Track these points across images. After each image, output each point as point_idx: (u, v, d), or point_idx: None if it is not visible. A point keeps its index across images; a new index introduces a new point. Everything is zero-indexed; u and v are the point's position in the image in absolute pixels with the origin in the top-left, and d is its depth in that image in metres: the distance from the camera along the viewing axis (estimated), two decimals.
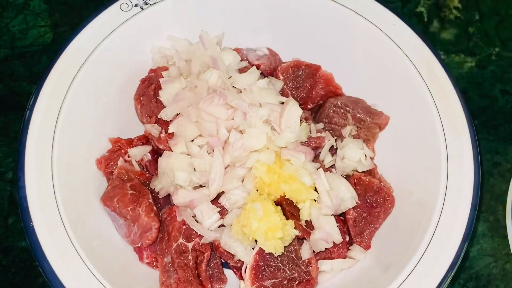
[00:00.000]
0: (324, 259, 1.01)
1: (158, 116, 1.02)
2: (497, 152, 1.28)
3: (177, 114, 1.03)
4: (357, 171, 1.08)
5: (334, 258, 1.01)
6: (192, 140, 1.01)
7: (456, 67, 1.39)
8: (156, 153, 1.07)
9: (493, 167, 1.27)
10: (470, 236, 0.92)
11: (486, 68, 1.39)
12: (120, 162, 1.04)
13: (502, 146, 1.29)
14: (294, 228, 0.94)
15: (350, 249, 1.02)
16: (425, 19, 1.46)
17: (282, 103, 1.03)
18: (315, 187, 0.98)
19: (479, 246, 1.18)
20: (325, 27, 1.15)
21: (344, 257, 1.02)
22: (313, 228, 0.97)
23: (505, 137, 1.30)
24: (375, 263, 1.00)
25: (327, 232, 0.95)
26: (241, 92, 1.02)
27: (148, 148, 1.06)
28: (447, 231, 0.93)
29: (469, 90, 1.36)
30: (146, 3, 1.09)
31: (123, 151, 1.06)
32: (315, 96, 1.14)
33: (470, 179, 0.95)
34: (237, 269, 1.01)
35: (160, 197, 1.03)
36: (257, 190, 0.98)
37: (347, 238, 1.03)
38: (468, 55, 1.41)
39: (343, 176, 1.07)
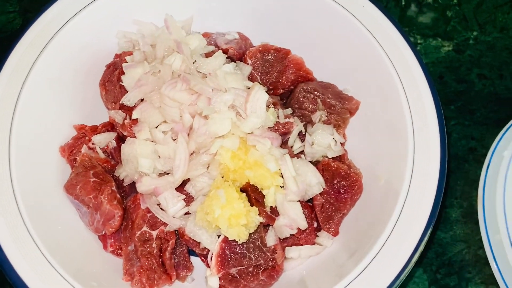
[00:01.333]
0: (291, 245, 1.00)
1: (120, 102, 0.99)
2: (473, 138, 1.27)
3: (142, 100, 1.01)
4: (327, 157, 1.06)
5: (301, 245, 1.00)
6: (157, 127, 0.99)
7: (433, 51, 1.37)
8: (122, 140, 1.05)
9: (468, 152, 1.25)
10: (435, 220, 0.90)
11: (464, 52, 1.37)
12: (84, 149, 1.02)
13: (478, 131, 1.27)
14: (258, 214, 0.93)
15: (318, 236, 1.01)
16: (403, 3, 1.44)
17: (250, 88, 1.01)
18: (282, 174, 0.97)
19: (452, 232, 1.17)
20: (296, 11, 1.12)
21: (312, 244, 1.00)
22: (278, 215, 0.95)
23: (481, 122, 1.29)
24: (343, 249, 0.99)
25: (291, 218, 0.93)
26: (206, 77, 1.00)
27: (113, 135, 1.04)
28: (412, 215, 0.91)
29: (446, 74, 1.34)
30: None
31: (87, 138, 1.04)
32: (285, 81, 1.12)
33: (436, 164, 0.93)
34: (204, 256, 0.99)
35: (124, 185, 1.02)
36: (222, 177, 0.97)
37: (315, 225, 1.01)
38: (446, 39, 1.39)
39: (313, 162, 1.06)
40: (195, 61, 1.01)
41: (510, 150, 1.12)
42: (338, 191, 1.00)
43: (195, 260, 1.02)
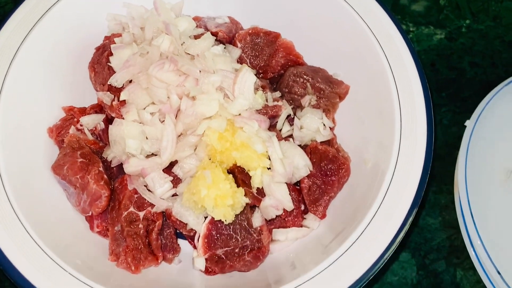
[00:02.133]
0: (278, 227, 1.00)
1: (108, 83, 0.99)
2: (464, 125, 1.26)
3: (130, 82, 1.01)
4: (316, 141, 1.06)
5: (288, 227, 1.00)
6: (144, 108, 0.99)
7: (425, 39, 1.37)
8: (110, 121, 1.05)
9: (458, 139, 1.24)
10: (422, 204, 0.90)
11: (456, 40, 1.37)
12: (72, 130, 1.02)
13: (468, 118, 1.27)
14: (245, 195, 0.93)
15: (305, 218, 1.01)
16: None
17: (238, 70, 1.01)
18: (269, 156, 0.97)
19: (441, 218, 1.17)
20: None
21: (299, 226, 1.00)
22: (264, 196, 0.95)
23: (472, 110, 1.27)
24: (329, 230, 0.99)
25: (277, 199, 0.93)
26: (194, 58, 0.99)
27: (101, 116, 1.04)
28: (397, 197, 0.91)
29: (437, 62, 1.34)
30: None
31: (75, 119, 1.04)
32: (275, 65, 1.12)
33: (423, 147, 0.93)
34: (191, 238, 0.99)
35: (112, 166, 1.02)
36: (209, 159, 0.97)
37: (302, 207, 1.01)
38: (438, 27, 1.38)
39: (302, 146, 1.06)
40: (184, 42, 1.01)
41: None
42: (325, 174, 1.00)
43: (182, 242, 1.03)
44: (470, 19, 1.40)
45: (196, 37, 1.05)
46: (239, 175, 0.95)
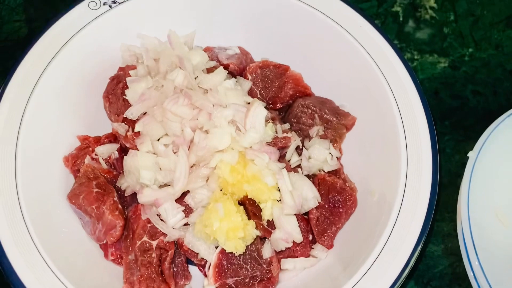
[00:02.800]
0: (287, 257, 1.03)
1: (124, 115, 1.02)
2: (466, 153, 1.29)
3: (144, 113, 1.04)
4: (323, 171, 1.10)
5: (297, 257, 1.03)
6: (158, 139, 1.02)
7: (429, 67, 1.40)
8: (124, 151, 1.08)
9: (461, 167, 1.28)
10: (427, 234, 0.94)
11: (459, 69, 1.40)
12: (87, 160, 1.05)
13: (471, 147, 1.30)
14: (255, 228, 0.96)
15: (313, 248, 1.04)
16: (401, 19, 1.47)
17: (249, 103, 1.04)
18: (279, 188, 1.00)
19: (443, 246, 1.20)
20: (297, 28, 1.16)
21: (307, 256, 1.03)
22: (274, 228, 0.98)
23: (475, 138, 1.31)
24: (337, 261, 1.02)
25: (287, 231, 0.96)
26: (207, 92, 1.03)
27: (115, 146, 1.07)
28: (404, 230, 0.94)
29: (441, 90, 1.37)
30: (115, 2, 1.09)
31: (90, 149, 1.07)
32: (284, 96, 1.15)
33: (428, 179, 0.97)
34: (202, 266, 1.02)
35: (126, 195, 1.04)
36: (221, 190, 1.00)
37: (310, 237, 1.04)
38: (442, 55, 1.42)
39: (310, 176, 1.09)
40: (197, 76, 1.04)
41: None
42: (333, 205, 1.03)
43: (193, 269, 1.05)
44: (473, 47, 1.43)
45: (209, 70, 1.08)
46: (250, 207, 0.98)
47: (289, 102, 1.17)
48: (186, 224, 1.01)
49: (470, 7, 1.48)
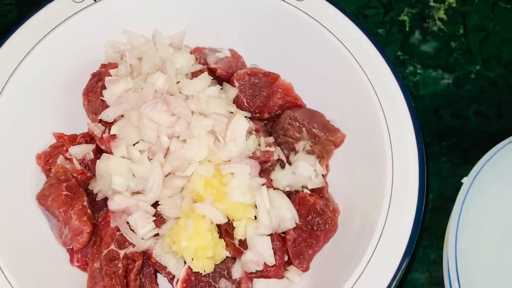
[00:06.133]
0: (260, 277, 0.98)
1: (99, 118, 0.98)
2: (462, 177, 1.23)
3: (123, 116, 0.99)
4: (307, 188, 1.04)
5: (270, 277, 0.98)
6: (134, 144, 0.98)
7: (432, 83, 1.33)
8: (100, 151, 1.04)
9: (455, 192, 1.21)
10: (411, 261, 0.89)
11: (463, 86, 1.33)
12: (60, 160, 1.01)
13: (468, 171, 1.23)
14: (226, 247, 0.91)
15: (287, 270, 0.99)
16: (407, 29, 1.40)
17: (232, 113, 0.99)
18: (255, 204, 0.95)
19: (428, 274, 1.14)
20: (293, 37, 1.10)
21: (281, 277, 0.99)
22: (246, 248, 0.93)
23: (473, 162, 1.24)
24: (312, 285, 0.97)
25: (259, 253, 0.91)
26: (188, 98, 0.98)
27: (90, 146, 1.03)
28: (385, 255, 0.90)
29: (442, 108, 1.30)
30: None
31: (64, 148, 1.03)
32: (272, 105, 1.09)
33: (413, 204, 0.92)
34: (171, 279, 0.98)
35: (97, 199, 1.00)
36: (195, 201, 0.95)
37: (286, 258, 0.99)
38: (447, 71, 1.35)
39: (292, 192, 1.04)
40: (179, 81, 0.99)
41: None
42: (311, 228, 0.98)
43: (162, 280, 1.02)
44: (481, 65, 1.36)
45: (194, 74, 1.03)
46: (223, 224, 0.94)
47: (277, 112, 1.11)
48: (157, 234, 0.97)
49: (481, 21, 1.40)
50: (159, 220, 0.97)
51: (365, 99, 1.01)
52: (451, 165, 1.25)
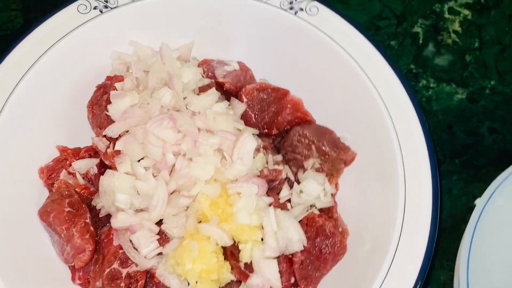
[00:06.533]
0: None
1: (103, 133, 0.95)
2: (474, 196, 1.20)
3: (128, 131, 0.97)
4: (315, 207, 1.02)
5: None
6: (139, 160, 0.95)
7: (445, 98, 1.30)
8: (104, 166, 1.02)
9: (468, 212, 1.18)
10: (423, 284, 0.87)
11: (478, 102, 1.29)
12: (63, 174, 0.99)
13: (480, 189, 1.20)
14: (232, 270, 0.89)
15: None
16: (420, 41, 1.36)
17: (240, 130, 0.96)
18: (262, 226, 0.92)
19: None
20: (303, 51, 1.07)
21: None
22: (252, 270, 0.91)
23: (485, 180, 1.20)
24: None
25: (266, 277, 0.89)
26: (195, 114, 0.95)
27: (94, 161, 1.00)
28: (397, 280, 0.88)
29: (455, 124, 1.27)
30: (106, 6, 1.01)
31: (68, 162, 1.00)
32: (281, 121, 1.06)
33: (426, 229, 0.89)
34: None
35: (100, 216, 0.98)
36: (199, 222, 0.93)
37: (292, 280, 0.97)
38: (461, 85, 1.31)
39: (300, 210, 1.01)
40: (186, 97, 0.96)
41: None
42: (319, 250, 0.95)
43: None
44: (496, 79, 1.32)
45: (201, 89, 1.00)
46: (228, 246, 0.91)
47: (286, 128, 1.08)
48: (161, 253, 0.95)
49: (498, 35, 1.37)
50: (163, 238, 0.95)
51: (377, 116, 0.98)
52: (463, 184, 1.21)
